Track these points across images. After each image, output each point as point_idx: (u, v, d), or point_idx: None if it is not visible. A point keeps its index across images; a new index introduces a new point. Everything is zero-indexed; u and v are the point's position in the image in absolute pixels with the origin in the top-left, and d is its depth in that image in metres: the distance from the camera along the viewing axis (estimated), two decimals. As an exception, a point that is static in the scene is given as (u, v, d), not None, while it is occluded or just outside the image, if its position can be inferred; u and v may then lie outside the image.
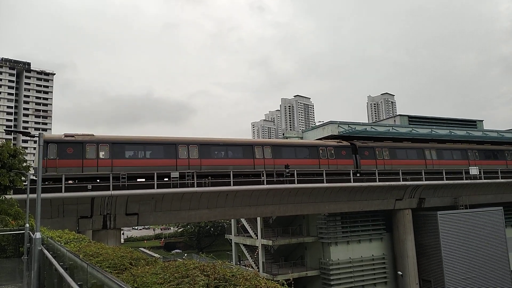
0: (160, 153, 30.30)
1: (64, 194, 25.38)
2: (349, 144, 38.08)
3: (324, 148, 36.15)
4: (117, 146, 28.85)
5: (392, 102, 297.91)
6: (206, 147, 31.58)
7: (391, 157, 39.47)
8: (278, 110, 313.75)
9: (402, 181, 38.03)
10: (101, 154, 27.98)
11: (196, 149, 30.94)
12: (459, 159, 43.98)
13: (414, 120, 50.95)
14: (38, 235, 9.63)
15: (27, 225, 15.09)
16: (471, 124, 55.12)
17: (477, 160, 44.88)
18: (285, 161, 33.61)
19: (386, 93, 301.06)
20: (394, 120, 53.08)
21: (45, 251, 9.05)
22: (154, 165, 29.29)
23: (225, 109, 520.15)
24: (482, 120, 56.23)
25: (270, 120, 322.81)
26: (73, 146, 27.27)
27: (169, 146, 30.45)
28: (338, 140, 38.75)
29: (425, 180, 39.46)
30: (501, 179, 43.88)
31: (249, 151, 32.84)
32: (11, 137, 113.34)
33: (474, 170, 42.09)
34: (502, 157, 47.89)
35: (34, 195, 14.71)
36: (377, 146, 39.33)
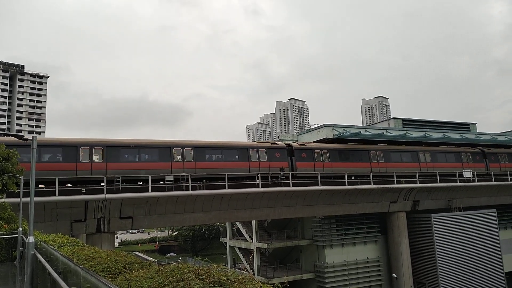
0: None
1: (57, 198, 25.21)
2: (285, 146, 36.76)
3: (256, 149, 34.55)
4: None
5: (386, 105, 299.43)
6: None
7: (332, 159, 37.87)
8: (273, 113, 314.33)
9: (397, 183, 38.19)
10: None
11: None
12: (410, 161, 42.77)
13: (408, 123, 51.23)
14: (31, 239, 9.57)
15: (20, 229, 14.95)
16: (465, 127, 55.49)
17: (428, 163, 43.51)
18: (211, 164, 32.59)
19: (380, 96, 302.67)
20: (388, 123, 53.37)
21: (39, 255, 8.98)
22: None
23: (220, 112, 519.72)
24: (475, 123, 56.64)
25: (265, 123, 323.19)
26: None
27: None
28: (273, 142, 38.68)
29: (419, 183, 39.63)
30: (494, 181, 44.16)
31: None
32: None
33: (467, 173, 42.35)
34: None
35: (27, 199, 14.61)
36: (316, 148, 37.73)
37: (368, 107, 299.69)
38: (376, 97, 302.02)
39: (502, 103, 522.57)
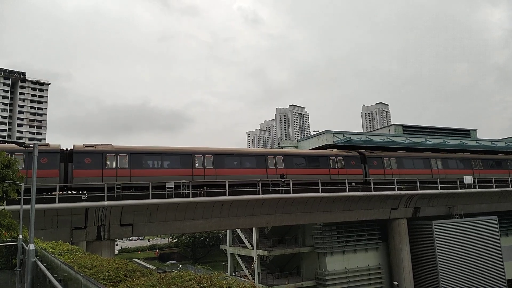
0: (177, 163, 30.98)
1: (58, 205, 25.16)
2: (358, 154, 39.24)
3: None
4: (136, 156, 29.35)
5: (386, 111, 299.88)
6: (221, 157, 32.49)
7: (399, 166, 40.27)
8: (273, 119, 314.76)
9: (397, 190, 38.12)
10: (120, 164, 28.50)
11: (212, 160, 31.85)
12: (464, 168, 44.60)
13: (408, 129, 51.29)
14: (31, 246, 9.54)
15: (20, 236, 14.92)
16: (465, 133, 55.52)
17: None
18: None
19: (381, 102, 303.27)
20: (389, 130, 53.43)
21: (39, 263, 8.95)
22: (171, 175, 29.72)
23: (220, 118, 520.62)
24: (475, 130, 56.68)
25: (265, 129, 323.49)
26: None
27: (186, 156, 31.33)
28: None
29: (420, 190, 39.55)
30: (495, 188, 44.06)
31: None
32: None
33: (468, 180, 42.27)
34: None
35: (28, 206, 14.59)
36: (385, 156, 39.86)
37: (369, 113, 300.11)
38: (376, 104, 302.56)
39: (502, 109, 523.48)
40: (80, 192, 27.28)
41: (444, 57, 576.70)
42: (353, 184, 37.17)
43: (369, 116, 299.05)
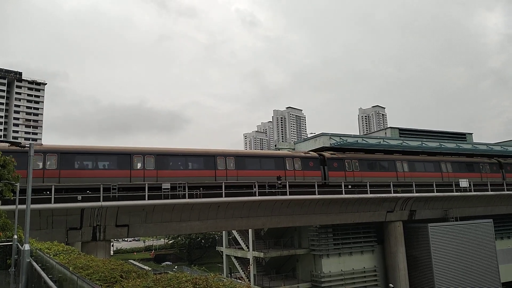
0: (114, 164, 29.54)
1: (53, 205, 25.03)
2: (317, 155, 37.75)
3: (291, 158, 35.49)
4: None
5: (383, 114, 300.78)
6: (164, 157, 30.82)
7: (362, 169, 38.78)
8: (270, 121, 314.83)
9: (393, 193, 38.21)
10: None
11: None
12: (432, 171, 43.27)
13: (404, 132, 51.43)
14: (27, 246, 9.50)
15: (15, 236, 14.86)
16: (461, 137, 55.76)
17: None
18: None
19: (377, 105, 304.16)
20: (385, 133, 53.55)
21: (34, 263, 8.92)
22: (105, 177, 28.14)
23: (217, 119, 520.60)
24: (471, 133, 56.94)
25: (262, 131, 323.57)
26: None
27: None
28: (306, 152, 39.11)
29: (416, 193, 39.64)
30: (491, 191, 44.25)
31: None
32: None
33: (464, 183, 42.45)
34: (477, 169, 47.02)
35: (23, 206, 14.51)
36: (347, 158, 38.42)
37: (365, 116, 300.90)
38: (373, 107, 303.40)
39: (498, 114, 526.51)
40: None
41: (440, 61, 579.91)
42: (349, 186, 37.16)
43: (366, 118, 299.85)
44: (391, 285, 40.52)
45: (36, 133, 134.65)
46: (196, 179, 30.66)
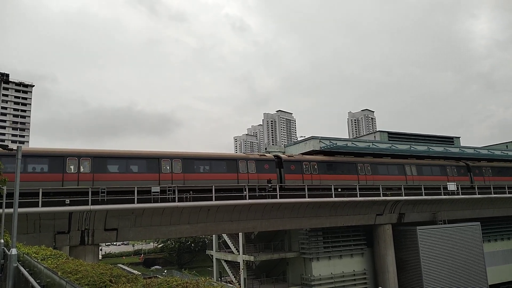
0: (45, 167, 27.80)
1: (41, 209, 24.69)
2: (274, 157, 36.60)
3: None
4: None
5: (372, 118, 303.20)
6: (101, 160, 28.94)
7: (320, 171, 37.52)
8: (260, 124, 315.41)
9: (382, 196, 38.47)
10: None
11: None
12: (397, 174, 42.40)
13: (393, 136, 51.97)
14: (14, 251, 9.37)
15: (2, 240, 14.63)
16: (449, 141, 56.48)
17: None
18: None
19: (366, 109, 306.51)
20: (374, 136, 54.06)
21: (21, 268, 8.79)
22: (31, 180, 26.03)
23: (208, 123, 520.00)
24: (459, 137, 57.75)
25: (252, 134, 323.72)
26: None
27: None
28: (261, 154, 38.50)
29: (405, 196, 39.98)
30: (478, 195, 44.82)
31: None
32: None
33: (451, 186, 42.93)
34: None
35: (10, 210, 14.30)
36: (305, 160, 37.33)
37: (355, 120, 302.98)
38: (362, 110, 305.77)
39: (485, 118, 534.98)
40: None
41: (428, 66, 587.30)
42: (339, 189, 37.30)
43: (355, 122, 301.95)
44: (380, 287, 40.73)
45: (23, 136, 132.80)
46: (138, 183, 28.46)
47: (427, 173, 44.43)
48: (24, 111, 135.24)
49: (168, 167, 30.54)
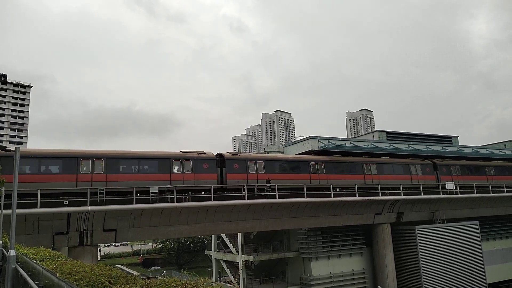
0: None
1: (39, 210, 24.66)
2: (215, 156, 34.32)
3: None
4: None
5: (370, 118, 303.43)
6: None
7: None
8: (259, 124, 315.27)
9: (381, 195, 38.51)
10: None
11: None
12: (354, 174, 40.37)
13: (392, 136, 51.95)
14: (12, 252, 9.34)
15: (0, 241, 14.60)
16: (447, 140, 56.53)
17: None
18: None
19: (365, 109, 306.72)
20: (373, 136, 54.02)
21: (20, 269, 8.77)
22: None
23: (207, 123, 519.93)
24: (457, 136, 57.78)
25: (251, 134, 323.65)
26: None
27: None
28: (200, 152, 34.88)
29: (404, 195, 40.03)
30: (476, 194, 44.88)
31: None
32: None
33: (450, 185, 42.99)
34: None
35: (9, 211, 14.26)
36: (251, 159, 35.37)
37: (353, 119, 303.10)
38: (360, 110, 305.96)
39: (484, 117, 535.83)
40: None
41: (427, 66, 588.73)
42: (338, 189, 37.32)
43: (354, 122, 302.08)
44: (379, 287, 40.74)
45: (21, 137, 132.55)
46: (54, 185, 26.41)
47: (389, 172, 42.50)
48: (22, 112, 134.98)
49: (89, 167, 28.03)
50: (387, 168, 42.48)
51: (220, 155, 34.37)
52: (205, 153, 33.38)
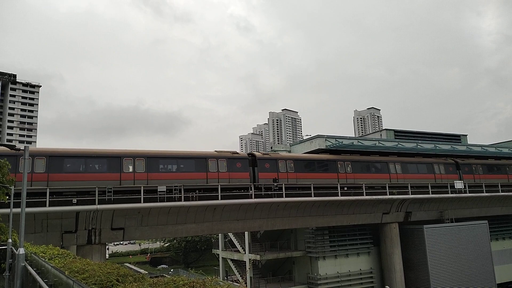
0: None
1: (48, 209, 24.88)
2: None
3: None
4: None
5: (378, 116, 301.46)
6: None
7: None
8: (266, 123, 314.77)
9: (389, 195, 38.27)
10: None
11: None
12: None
13: (400, 134, 51.64)
14: (21, 250, 9.40)
15: (10, 240, 14.71)
16: (456, 138, 56.03)
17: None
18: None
19: (372, 107, 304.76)
20: (380, 134, 53.75)
21: (29, 267, 8.84)
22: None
23: (214, 122, 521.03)
24: (466, 135, 57.27)
25: (258, 133, 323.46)
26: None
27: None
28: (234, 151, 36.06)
29: (412, 194, 39.74)
30: (486, 193, 44.41)
31: None
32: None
33: (459, 184, 42.60)
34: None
35: (18, 209, 14.40)
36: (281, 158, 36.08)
37: (360, 118, 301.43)
38: (368, 108, 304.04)
39: (493, 115, 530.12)
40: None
41: (434, 63, 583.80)
42: (345, 188, 37.14)
43: (361, 120, 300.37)
44: (387, 286, 40.53)
45: (30, 136, 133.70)
46: (97, 184, 27.10)
47: (413, 171, 42.94)
48: (32, 111, 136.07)
49: (131, 167, 29.27)
50: (412, 167, 43.08)
51: (251, 154, 35.45)
52: (238, 153, 34.96)
